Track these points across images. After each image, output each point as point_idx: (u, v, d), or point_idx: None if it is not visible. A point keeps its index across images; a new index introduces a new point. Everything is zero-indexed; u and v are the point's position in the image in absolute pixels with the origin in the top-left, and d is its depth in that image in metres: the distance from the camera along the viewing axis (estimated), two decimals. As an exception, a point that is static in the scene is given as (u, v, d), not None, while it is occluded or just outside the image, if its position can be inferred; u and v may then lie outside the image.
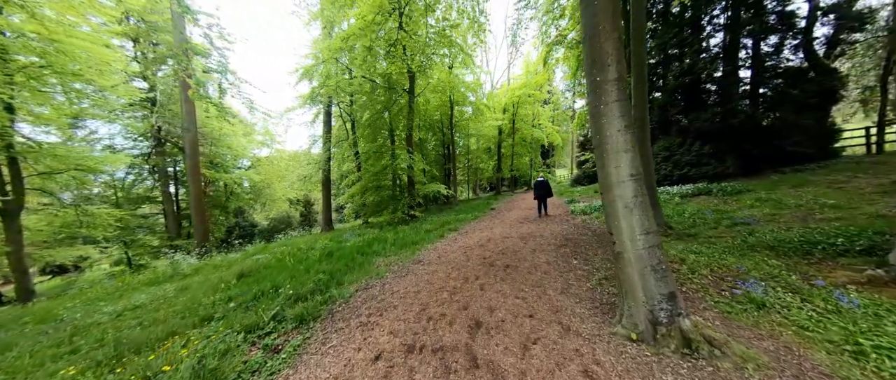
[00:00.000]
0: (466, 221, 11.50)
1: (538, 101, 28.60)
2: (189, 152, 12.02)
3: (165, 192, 21.30)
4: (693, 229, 6.41)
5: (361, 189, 13.05)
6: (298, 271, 6.05)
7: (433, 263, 6.17)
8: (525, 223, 9.63)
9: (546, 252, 6.09)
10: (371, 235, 9.43)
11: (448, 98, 20.18)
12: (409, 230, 10.07)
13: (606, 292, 3.98)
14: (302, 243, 10.24)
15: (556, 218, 10.18)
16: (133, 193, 23.58)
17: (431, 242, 8.20)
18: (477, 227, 10.05)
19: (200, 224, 12.08)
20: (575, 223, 8.87)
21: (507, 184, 29.58)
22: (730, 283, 3.82)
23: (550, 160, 34.92)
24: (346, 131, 17.14)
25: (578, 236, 7.20)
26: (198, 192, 12.07)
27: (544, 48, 16.17)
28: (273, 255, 8.46)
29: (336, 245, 8.68)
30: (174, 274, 8.58)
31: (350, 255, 7.08)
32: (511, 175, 27.44)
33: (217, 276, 7.01)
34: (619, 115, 2.87)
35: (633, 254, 2.83)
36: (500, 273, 5.03)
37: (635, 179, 2.86)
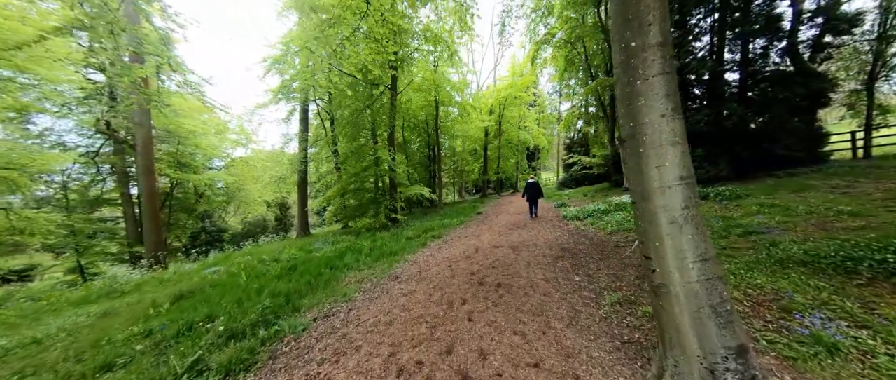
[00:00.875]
0: (452, 226, 10.62)
1: (524, 103, 28.12)
2: (141, 150, 10.63)
3: (125, 193, 19.40)
4: (701, 239, 5.75)
5: (339, 191, 11.97)
6: (249, 292, 4.99)
7: (412, 279, 5.24)
8: (515, 230, 8.83)
9: (542, 266, 5.27)
10: (345, 244, 8.40)
11: (433, 98, 19.31)
12: (388, 237, 9.09)
13: (624, 323, 3.17)
14: (268, 253, 9.08)
15: (547, 222, 9.45)
16: (90, 195, 21.55)
17: (412, 252, 7.27)
18: (463, 233, 9.18)
19: (153, 231, 10.69)
20: (568, 230, 8.14)
21: (492, 187, 28.93)
22: (775, 311, 3.08)
23: (536, 163, 34.57)
24: (324, 130, 15.97)
25: (575, 246, 6.43)
26: (150, 194, 10.69)
27: (532, 47, 15.58)
28: (229, 268, 7.31)
29: (304, 255, 7.61)
30: (110, 292, 7.28)
31: (317, 269, 6.06)
32: (497, 178, 26.81)
33: (154, 296, 5.84)
34: (665, 94, 2.05)
35: (682, 288, 2.01)
36: (492, 295, 4.16)
37: (687, 184, 2.04)
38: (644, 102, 2.09)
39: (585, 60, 16.16)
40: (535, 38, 15.29)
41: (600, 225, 7.92)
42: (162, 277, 8.52)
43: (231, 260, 9.07)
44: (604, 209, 9.36)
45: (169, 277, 8.33)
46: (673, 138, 2.05)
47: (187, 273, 8.29)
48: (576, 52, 16.09)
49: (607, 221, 7.98)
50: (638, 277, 4.42)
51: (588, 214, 9.40)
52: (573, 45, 15.73)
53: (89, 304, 6.67)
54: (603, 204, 10.19)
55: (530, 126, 28.21)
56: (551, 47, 15.75)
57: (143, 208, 10.76)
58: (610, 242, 6.53)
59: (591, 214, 9.25)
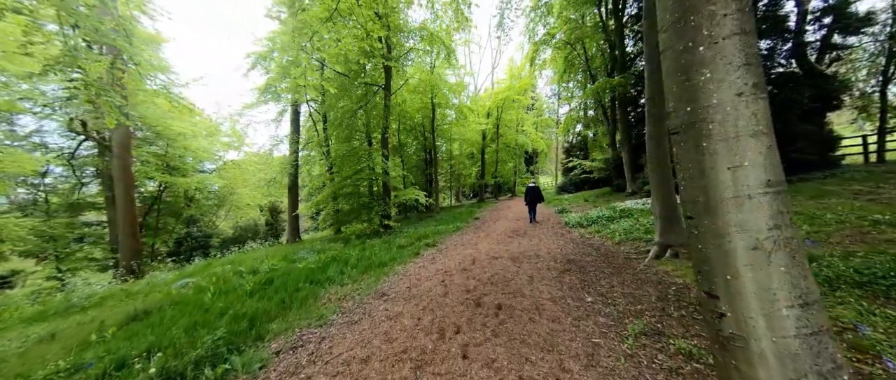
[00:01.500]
0: (447, 233, 9.95)
1: (522, 106, 27.63)
2: (117, 151, 9.93)
3: (108, 197, 18.57)
4: (723, 250, 5.13)
5: (329, 195, 11.29)
6: (212, 313, 4.30)
7: (400, 298, 4.57)
8: (515, 238, 8.18)
9: (548, 282, 4.62)
10: (331, 253, 7.71)
11: (430, 100, 18.74)
12: (379, 245, 8.41)
13: (656, 365, 2.52)
14: (249, 262, 8.37)
15: (548, 229, 8.81)
16: (74, 199, 20.69)
17: (403, 263, 6.59)
18: (459, 241, 8.52)
19: (129, 237, 9.94)
20: (572, 238, 7.50)
21: (490, 191, 28.33)
22: (846, 351, 2.44)
23: (534, 167, 34.05)
24: (316, 132, 15.31)
25: (582, 257, 5.79)
26: (127, 198, 9.96)
27: (531, 47, 15.06)
28: (200, 281, 6.60)
29: (285, 266, 6.92)
30: (69, 306, 6.54)
31: (295, 283, 5.37)
32: (495, 182, 26.21)
33: (108, 315, 5.13)
34: (742, 63, 1.43)
35: (771, 345, 1.37)
36: (491, 320, 3.50)
37: (776, 193, 1.41)
38: (710, 75, 1.46)
39: (585, 62, 15.65)
40: (534, 38, 14.78)
41: (607, 233, 7.30)
42: (131, 289, 7.78)
43: (209, 270, 8.34)
44: (609, 216, 8.75)
45: (139, 289, 7.59)
46: (755, 127, 1.42)
47: (158, 285, 7.55)
48: (575, 53, 15.59)
49: (614, 229, 7.36)
50: (660, 298, 3.78)
51: (592, 220, 8.78)
52: (573, 47, 15.22)
53: (41, 321, 5.93)
54: (607, 210, 9.58)
55: (528, 130, 27.70)
56: (550, 48, 15.25)
57: (118, 213, 10.02)
58: (619, 253, 5.90)
59: (595, 221, 8.63)
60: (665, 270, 4.69)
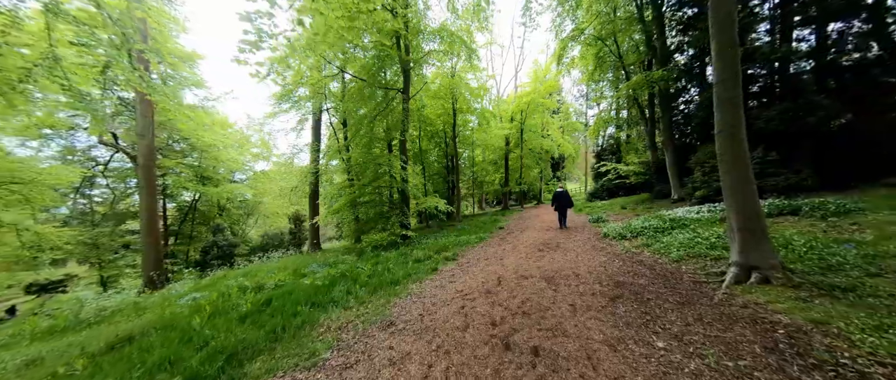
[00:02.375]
0: (469, 245, 9.03)
1: (548, 109, 26.32)
2: (142, 162, 9.95)
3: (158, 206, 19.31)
4: (833, 274, 3.86)
5: (346, 204, 10.76)
6: (193, 344, 3.67)
7: (409, 330, 3.71)
8: (546, 251, 7.11)
9: (597, 314, 3.59)
10: (342, 268, 7.01)
11: (451, 105, 18.06)
12: (394, 259, 7.63)
13: None
14: (259, 275, 7.88)
15: (584, 241, 7.65)
16: (119, 209, 21.81)
17: (418, 281, 5.75)
18: (482, 255, 7.56)
19: (151, 247, 9.85)
20: (615, 253, 6.34)
21: (515, 198, 27.05)
22: None
23: (561, 172, 32.35)
24: (337, 140, 15.01)
25: (634, 279, 4.68)
26: (151, 209, 9.91)
27: (558, 44, 13.99)
28: (206, 296, 6.10)
29: (291, 282, 6.29)
30: (77, 323, 6.26)
31: (293, 306, 4.67)
32: (519, 189, 24.93)
33: (96, 339, 4.66)
34: None
35: None
36: (527, 374, 2.55)
37: None
38: None
39: (618, 58, 14.34)
40: (560, 34, 13.72)
41: (659, 248, 6.08)
42: (144, 302, 7.48)
43: (221, 283, 7.92)
44: (657, 226, 7.47)
45: (149, 303, 7.27)
46: None
47: (169, 299, 7.19)
48: (607, 49, 14.33)
49: (668, 243, 6.12)
50: (766, 347, 2.66)
51: (636, 231, 7.53)
52: (604, 42, 13.99)
53: (43, 340, 5.63)
54: (653, 219, 8.27)
55: (554, 134, 26.29)
56: (579, 45, 14.10)
57: (142, 224, 9.98)
58: (681, 274, 4.72)
59: (640, 232, 7.38)
60: (756, 302, 3.52)
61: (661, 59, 11.68)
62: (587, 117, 28.54)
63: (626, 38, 14.88)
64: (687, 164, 11.26)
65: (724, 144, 4.44)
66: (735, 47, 4.31)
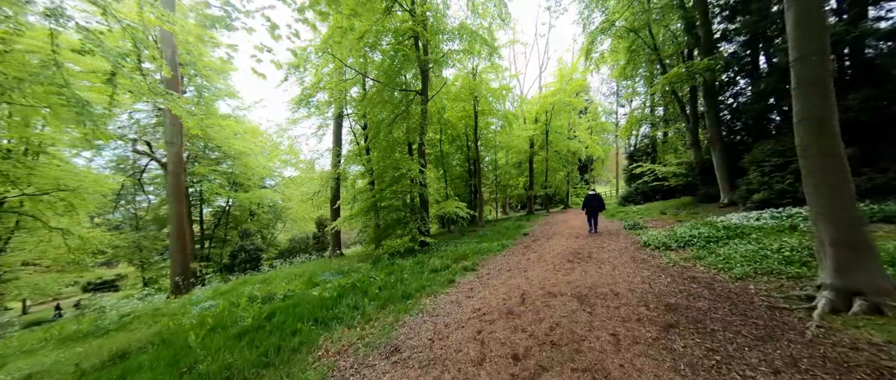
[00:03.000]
0: (490, 253, 8.35)
1: (574, 109, 25.03)
2: (172, 169, 10.21)
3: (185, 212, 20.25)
4: (979, 306, 2.85)
5: (362, 210, 10.46)
6: (181, 363, 3.32)
7: (415, 360, 3.14)
8: (577, 262, 6.30)
9: (648, 349, 2.84)
10: (354, 277, 6.59)
11: (472, 107, 17.50)
12: (410, 268, 7.13)
13: None
14: (274, 282, 7.67)
15: (620, 249, 6.75)
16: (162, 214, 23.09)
17: (433, 295, 5.19)
18: (504, 264, 6.88)
19: (179, 252, 10.04)
20: (660, 266, 5.44)
21: (540, 202, 25.88)
22: None
23: (589, 175, 30.70)
24: (357, 144, 14.89)
25: (689, 301, 3.83)
26: (179, 215, 10.13)
27: (586, 38, 13.04)
28: (211, 308, 5.90)
29: (300, 293, 5.95)
30: (95, 330, 6.27)
31: (294, 322, 4.27)
32: (544, 192, 23.79)
33: (97, 351, 4.48)
34: None
35: None
36: (558, 440, 1.89)
37: None
38: None
39: (654, 51, 13.14)
40: (589, 27, 12.78)
41: (715, 262, 5.12)
42: (165, 309, 7.48)
43: (238, 290, 7.79)
44: (709, 235, 6.43)
45: (170, 310, 7.23)
46: None
47: (185, 307, 7.10)
48: (641, 41, 13.17)
49: (727, 256, 5.15)
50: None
51: (683, 240, 6.53)
52: (637, 34, 12.86)
53: (66, 344, 5.61)
54: (702, 226, 7.19)
55: (581, 135, 24.95)
56: (610, 38, 13.05)
57: (171, 230, 10.20)
58: (751, 297, 3.81)
59: (689, 242, 6.38)
60: (871, 341, 2.62)
61: (705, 48, 10.45)
62: (618, 117, 26.88)
63: (662, 28, 13.65)
64: (739, 163, 9.94)
65: (807, 136, 3.52)
66: (821, 12, 3.41)
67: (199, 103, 20.74)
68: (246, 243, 17.34)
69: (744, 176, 9.55)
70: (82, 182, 10.90)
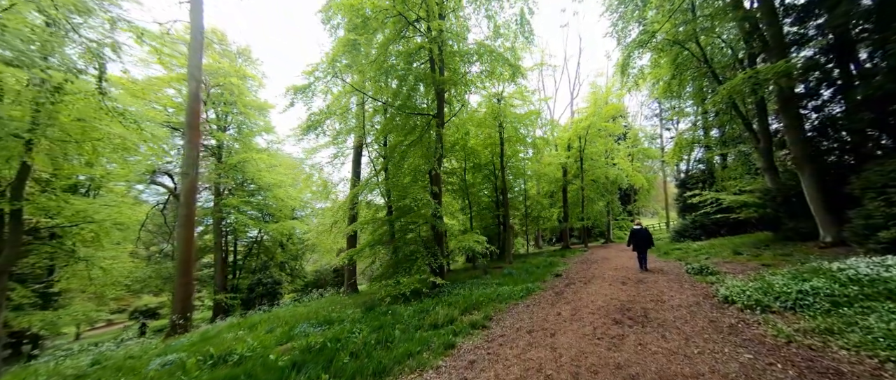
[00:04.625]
0: (511, 300, 6.66)
1: (611, 134, 22.95)
2: (184, 200, 9.95)
3: (217, 243, 20.61)
4: None
5: (369, 243, 9.32)
6: None
7: None
8: (627, 324, 4.47)
9: None
10: (332, 332, 5.26)
11: (498, 134, 16.38)
12: (406, 319, 5.68)
13: None
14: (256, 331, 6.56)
15: (687, 304, 4.78)
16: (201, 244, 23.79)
17: (419, 369, 3.70)
18: (525, 321, 5.18)
19: (182, 287, 9.41)
20: (763, 342, 3.50)
21: (577, 235, 23.27)
22: None
23: (632, 207, 27.53)
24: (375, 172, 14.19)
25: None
26: (187, 248, 9.67)
27: (622, 53, 11.59)
28: (169, 364, 4.84)
29: (259, 353, 4.72)
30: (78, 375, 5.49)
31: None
32: (581, 225, 21.30)
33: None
34: None
35: None
36: None
37: None
38: None
39: (704, 62, 11.31)
40: (624, 40, 11.37)
41: (863, 341, 3.12)
42: (136, 358, 6.61)
43: (216, 340, 6.75)
44: (831, 291, 4.32)
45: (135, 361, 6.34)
46: None
47: (150, 357, 6.17)
48: (687, 54, 11.44)
49: (885, 331, 3.13)
50: None
51: (790, 298, 4.45)
52: (682, 46, 11.19)
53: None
54: (811, 276, 5.03)
55: (621, 162, 22.56)
56: (649, 51, 11.48)
57: (177, 263, 9.72)
58: None
59: (801, 301, 4.31)
60: None
61: (776, 52, 8.52)
62: (663, 141, 24.23)
63: (712, 39, 11.86)
64: (842, 190, 7.52)
65: None
66: None
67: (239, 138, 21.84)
68: (263, 276, 16.81)
69: (854, 206, 7.12)
70: (108, 214, 11.05)
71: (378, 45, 9.15)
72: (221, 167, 20.20)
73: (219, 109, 21.45)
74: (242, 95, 21.06)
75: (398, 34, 9.55)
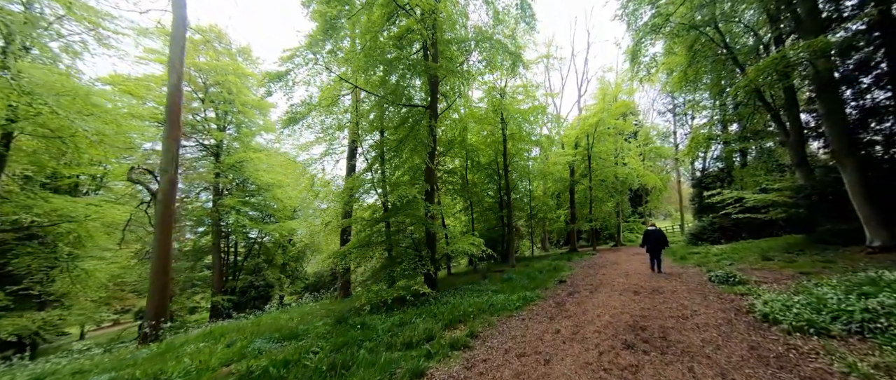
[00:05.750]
0: (505, 311, 5.78)
1: (621, 132, 21.79)
2: (161, 198, 9.36)
3: (215, 244, 20.19)
4: None
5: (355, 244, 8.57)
6: None
7: None
8: (641, 351, 3.55)
9: None
10: (287, 352, 4.48)
11: (500, 131, 15.53)
12: (378, 335, 4.86)
13: None
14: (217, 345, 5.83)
15: (716, 325, 3.81)
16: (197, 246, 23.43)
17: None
18: (517, 338, 4.31)
19: (157, 292, 8.79)
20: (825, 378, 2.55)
21: (585, 237, 22.14)
22: None
23: (644, 208, 26.20)
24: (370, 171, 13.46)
25: None
26: (163, 250, 9.06)
27: (633, 38, 10.59)
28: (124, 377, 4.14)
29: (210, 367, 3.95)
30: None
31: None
32: (590, 226, 20.18)
33: None
34: None
35: None
36: None
37: None
38: None
39: (725, 47, 10.25)
40: (635, 24, 10.37)
41: None
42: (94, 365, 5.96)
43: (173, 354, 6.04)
44: None
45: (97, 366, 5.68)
46: None
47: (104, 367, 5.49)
48: (705, 39, 10.39)
49: None
50: None
51: (853, 317, 3.47)
52: (700, 30, 10.15)
53: None
54: (875, 289, 4.01)
55: (631, 162, 21.37)
56: (662, 38, 10.46)
57: (152, 266, 9.11)
58: None
59: (869, 323, 3.33)
60: None
61: (811, 30, 7.45)
62: (676, 138, 22.93)
63: (731, 26, 10.80)
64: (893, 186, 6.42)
65: None
66: None
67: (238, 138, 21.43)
68: (256, 279, 16.22)
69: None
70: (89, 214, 10.57)
71: (362, 28, 8.42)
72: (220, 166, 19.78)
73: (218, 108, 21.05)
74: (241, 94, 20.59)
75: (386, 19, 8.81)
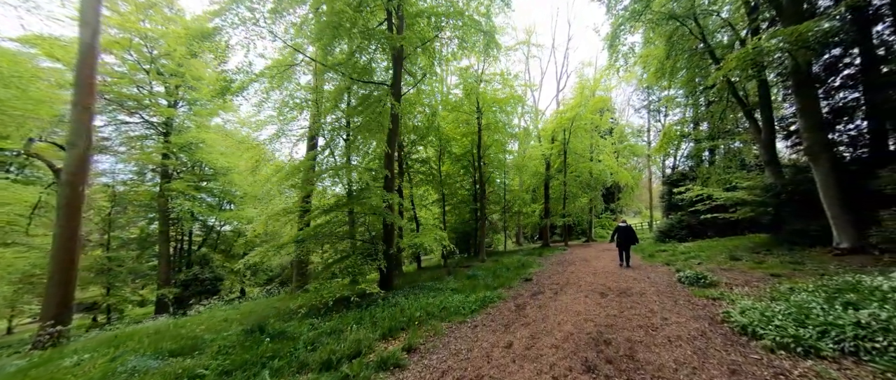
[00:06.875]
0: (457, 316, 5.04)
1: (597, 128, 21.64)
2: (66, 178, 7.77)
3: (163, 232, 18.25)
4: None
5: (294, 239, 7.56)
6: None
7: None
8: (607, 372, 2.89)
9: None
10: (170, 369, 3.50)
11: (475, 119, 14.77)
12: (297, 349, 3.97)
13: None
14: (124, 346, 4.71)
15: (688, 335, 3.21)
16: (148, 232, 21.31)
17: None
18: (460, 355, 3.56)
19: (59, 286, 7.35)
20: None
21: (558, 233, 22.00)
22: None
23: (615, 204, 26.47)
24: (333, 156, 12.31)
25: None
26: (69, 235, 7.60)
27: (612, 25, 10.03)
28: None
29: None
30: None
31: None
32: (563, 222, 19.99)
33: None
34: None
35: None
36: None
37: None
38: None
39: (702, 39, 9.91)
40: (614, 7, 9.80)
41: None
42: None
43: (54, 364, 4.88)
44: (880, 317, 2.84)
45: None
46: None
47: None
48: (683, 30, 10.00)
49: None
50: None
51: (843, 331, 2.95)
52: (680, 21, 9.73)
53: None
54: (855, 295, 3.55)
55: (606, 158, 21.31)
56: (643, 26, 9.96)
57: (52, 257, 7.62)
58: None
59: (850, 332, 2.81)
60: None
61: (790, 20, 7.09)
62: (650, 136, 23.10)
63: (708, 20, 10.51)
64: (871, 185, 6.18)
65: None
66: None
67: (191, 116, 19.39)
68: (202, 272, 14.71)
69: (881, 206, 5.78)
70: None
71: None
72: (169, 147, 17.83)
73: (168, 81, 18.91)
74: (192, 68, 18.49)
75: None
